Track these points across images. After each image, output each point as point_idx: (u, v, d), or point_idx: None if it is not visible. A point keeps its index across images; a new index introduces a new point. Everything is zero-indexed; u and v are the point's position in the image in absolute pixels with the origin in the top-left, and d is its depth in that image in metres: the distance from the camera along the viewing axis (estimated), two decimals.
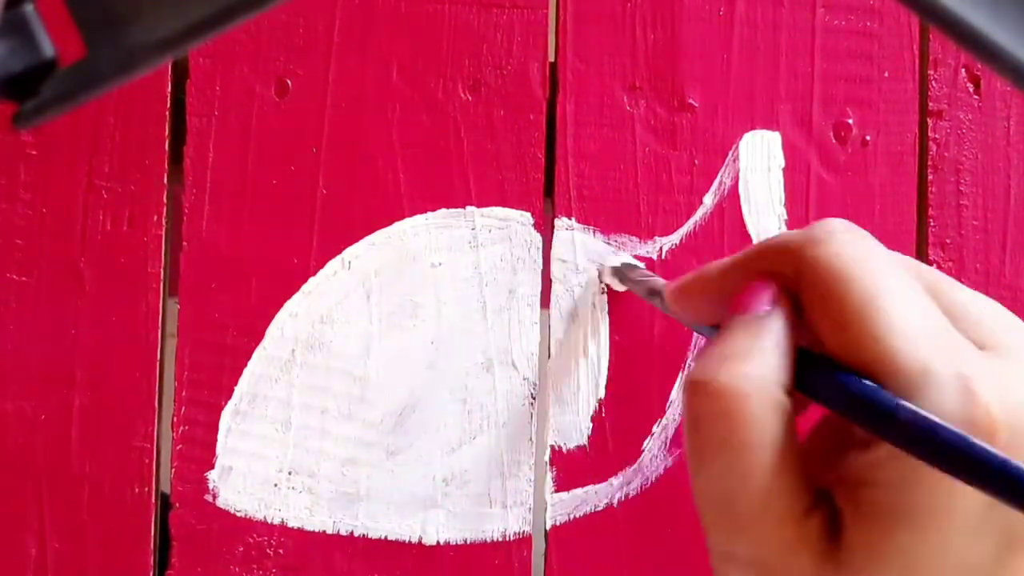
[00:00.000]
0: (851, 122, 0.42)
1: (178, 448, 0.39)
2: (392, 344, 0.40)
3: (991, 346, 0.22)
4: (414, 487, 0.40)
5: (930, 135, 0.42)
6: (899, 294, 0.21)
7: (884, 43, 0.42)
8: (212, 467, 0.39)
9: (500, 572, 0.40)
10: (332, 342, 0.40)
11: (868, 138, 0.42)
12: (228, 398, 0.39)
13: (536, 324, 0.40)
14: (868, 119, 0.42)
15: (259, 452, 0.39)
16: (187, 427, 0.39)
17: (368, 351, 0.40)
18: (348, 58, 0.40)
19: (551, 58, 0.41)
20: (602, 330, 0.40)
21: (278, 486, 0.39)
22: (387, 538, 0.40)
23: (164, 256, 0.39)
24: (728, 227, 0.41)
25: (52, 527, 0.38)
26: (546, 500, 0.40)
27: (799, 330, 0.23)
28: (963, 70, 0.43)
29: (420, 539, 0.40)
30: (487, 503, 0.40)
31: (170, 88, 0.40)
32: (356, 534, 0.39)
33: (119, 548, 0.39)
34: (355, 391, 0.40)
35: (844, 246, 0.22)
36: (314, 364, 0.40)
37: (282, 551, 0.39)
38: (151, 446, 0.39)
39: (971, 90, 0.43)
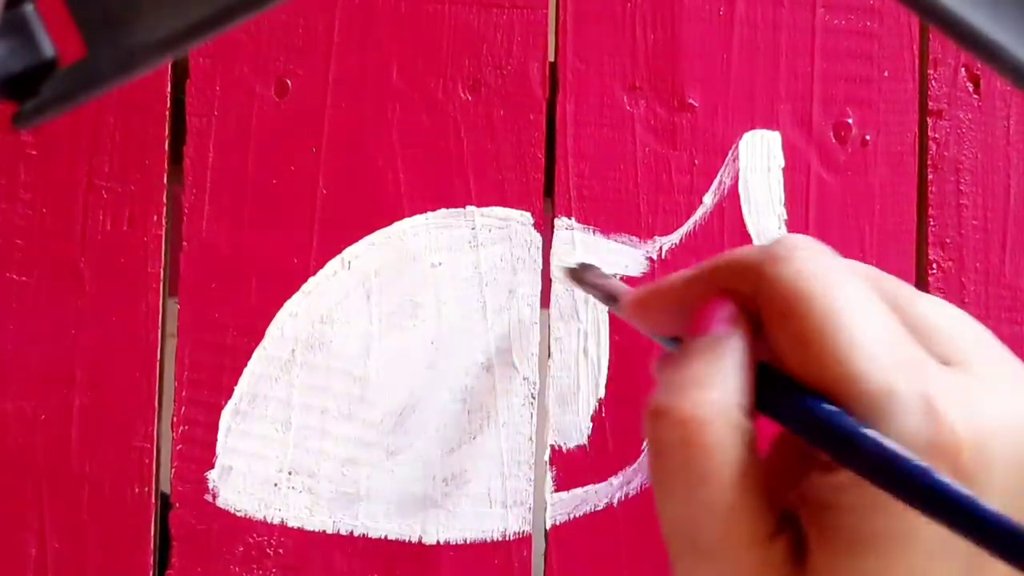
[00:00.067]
0: (851, 122, 0.42)
1: (178, 448, 0.39)
2: (392, 344, 0.40)
3: (955, 360, 0.22)
4: (414, 487, 0.40)
5: (930, 135, 0.42)
6: (860, 310, 0.21)
7: (884, 43, 0.42)
8: (212, 467, 0.39)
9: (500, 572, 0.40)
10: (332, 342, 0.40)
11: (868, 138, 0.42)
12: (228, 398, 0.39)
13: (536, 324, 0.40)
14: (868, 119, 0.42)
15: (259, 452, 0.39)
16: (187, 427, 0.39)
17: (368, 351, 0.40)
18: (348, 58, 0.40)
19: (551, 58, 0.41)
20: (602, 330, 0.40)
21: (278, 486, 0.39)
22: (387, 538, 0.40)
23: (164, 256, 0.39)
24: (728, 227, 0.41)
25: (52, 527, 0.38)
26: (546, 500, 0.40)
27: (759, 348, 0.22)
28: (963, 70, 0.43)
29: (420, 539, 0.40)
30: (487, 503, 0.40)
31: (170, 88, 0.40)
32: (356, 534, 0.39)
33: (119, 548, 0.39)
34: (355, 391, 0.40)
35: (804, 263, 0.22)
36: (314, 364, 0.40)
37: (282, 551, 0.39)
38: (151, 446, 0.39)
39: (971, 90, 0.43)
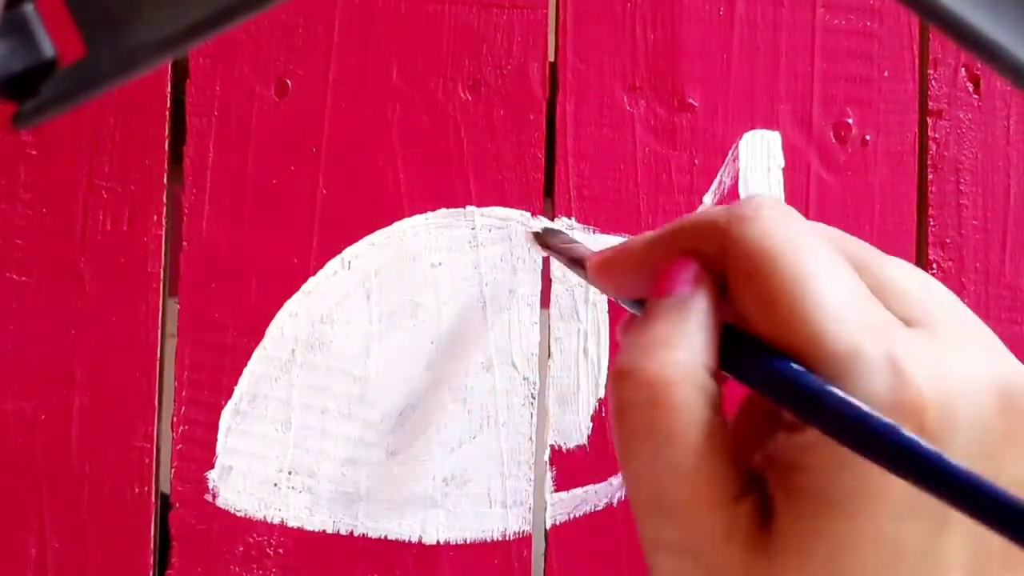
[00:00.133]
0: (851, 122, 0.42)
1: (178, 448, 0.39)
2: (392, 344, 0.40)
3: (921, 322, 0.21)
4: (414, 487, 0.40)
5: (930, 135, 0.42)
6: (826, 272, 0.21)
7: (884, 43, 0.42)
8: (212, 467, 0.39)
9: (500, 572, 0.40)
10: (332, 342, 0.40)
11: (868, 138, 0.42)
12: (228, 398, 0.39)
13: (536, 324, 0.40)
14: (868, 119, 0.42)
15: (259, 452, 0.39)
16: (187, 427, 0.39)
17: (368, 351, 0.40)
18: (348, 58, 0.40)
19: (551, 58, 0.41)
20: (602, 330, 0.40)
21: (278, 486, 0.39)
22: (387, 538, 0.40)
23: (164, 256, 0.39)
24: None
25: (52, 527, 0.38)
26: (546, 500, 0.40)
27: (724, 309, 0.22)
28: (963, 70, 0.43)
29: (420, 539, 0.40)
30: (487, 503, 0.40)
31: (170, 88, 0.40)
32: (356, 534, 0.39)
33: (119, 548, 0.39)
34: (355, 391, 0.40)
35: (771, 223, 0.21)
36: (314, 364, 0.40)
37: (282, 551, 0.39)
38: (151, 446, 0.39)
39: (971, 90, 0.43)
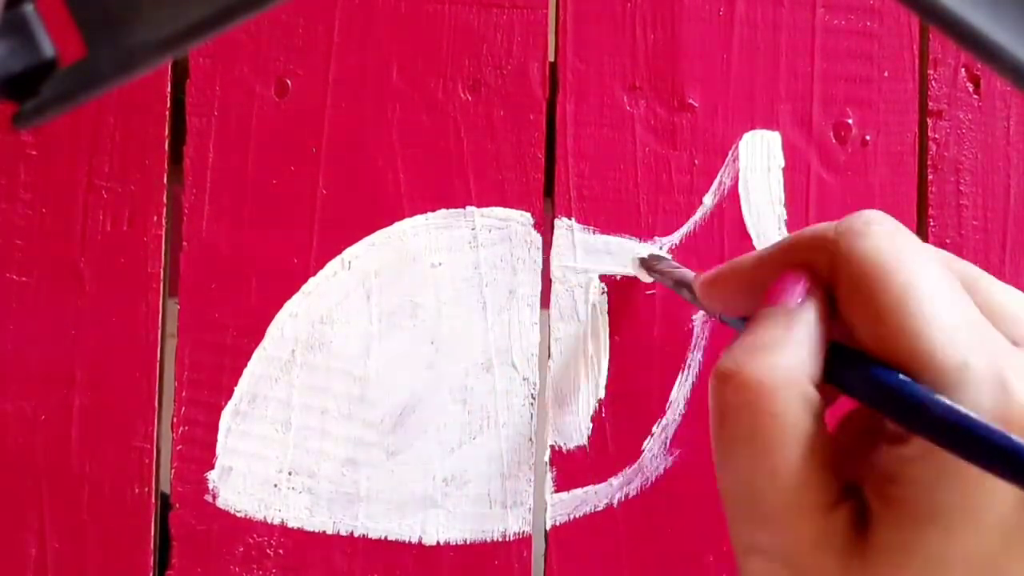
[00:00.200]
0: (851, 122, 0.42)
1: (178, 448, 0.39)
2: (392, 344, 0.40)
3: None
4: (414, 487, 0.40)
5: (930, 135, 0.42)
6: (936, 289, 0.21)
7: (884, 43, 0.42)
8: (212, 467, 0.39)
9: (500, 572, 0.40)
10: (332, 342, 0.40)
11: (868, 138, 0.42)
12: (228, 398, 0.39)
13: (536, 324, 0.40)
14: (868, 119, 0.42)
15: (259, 452, 0.39)
16: (187, 427, 0.39)
17: (368, 351, 0.40)
18: (348, 58, 0.40)
19: (551, 58, 0.41)
20: (602, 330, 0.40)
21: (278, 486, 0.39)
22: (387, 538, 0.40)
23: (164, 256, 0.39)
24: (728, 227, 0.41)
25: (52, 527, 0.38)
26: (546, 500, 0.40)
27: (832, 324, 0.22)
28: (963, 70, 0.43)
29: (420, 539, 0.40)
30: (487, 503, 0.40)
31: (170, 88, 0.40)
32: (356, 534, 0.39)
33: (119, 548, 0.39)
34: (355, 391, 0.40)
35: (881, 239, 0.22)
36: (314, 364, 0.40)
37: (282, 551, 0.39)
38: (151, 446, 0.39)
39: (971, 90, 0.43)
